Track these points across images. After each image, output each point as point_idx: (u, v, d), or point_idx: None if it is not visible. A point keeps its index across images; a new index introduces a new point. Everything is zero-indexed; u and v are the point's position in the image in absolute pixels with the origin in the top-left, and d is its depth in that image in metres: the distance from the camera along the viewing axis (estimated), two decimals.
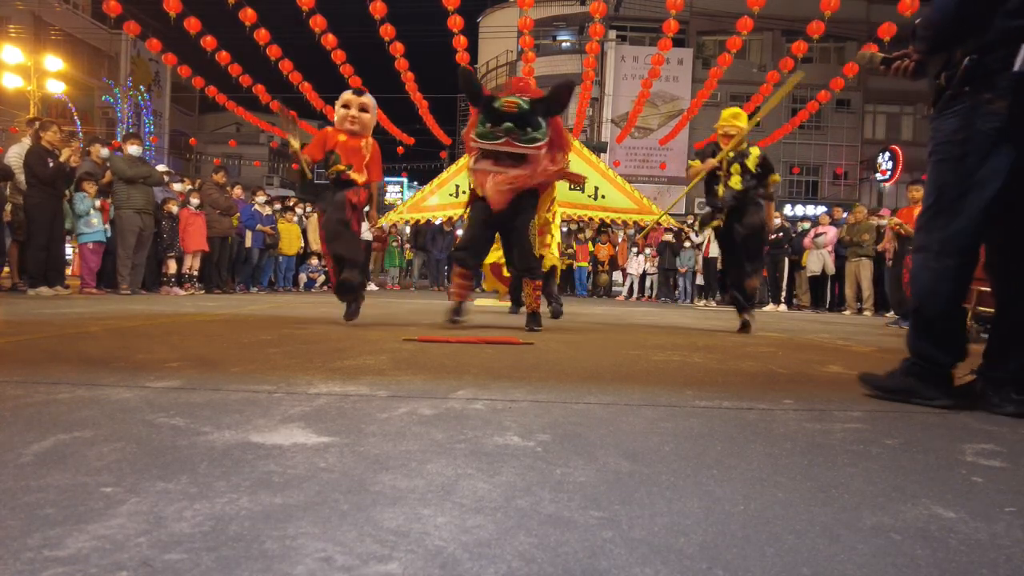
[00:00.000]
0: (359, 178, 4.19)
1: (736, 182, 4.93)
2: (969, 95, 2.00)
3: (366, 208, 4.39)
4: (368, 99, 4.24)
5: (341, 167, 4.12)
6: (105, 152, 8.24)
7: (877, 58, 2.39)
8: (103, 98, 27.03)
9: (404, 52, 12.26)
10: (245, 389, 1.90)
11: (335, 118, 4.26)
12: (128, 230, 7.46)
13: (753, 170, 4.94)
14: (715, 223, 5.06)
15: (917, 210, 7.74)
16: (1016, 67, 1.87)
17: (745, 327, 4.97)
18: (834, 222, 11.37)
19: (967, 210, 2.01)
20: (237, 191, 10.00)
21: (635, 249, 13.86)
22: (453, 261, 4.51)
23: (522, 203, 4.12)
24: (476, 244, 4.33)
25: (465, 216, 4.66)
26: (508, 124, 3.86)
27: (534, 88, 4.23)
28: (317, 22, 10.81)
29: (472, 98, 4.09)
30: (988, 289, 3.84)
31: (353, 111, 4.18)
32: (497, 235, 4.46)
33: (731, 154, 4.94)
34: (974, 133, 1.98)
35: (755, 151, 5.02)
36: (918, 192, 7.75)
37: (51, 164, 6.77)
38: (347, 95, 4.21)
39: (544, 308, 4.87)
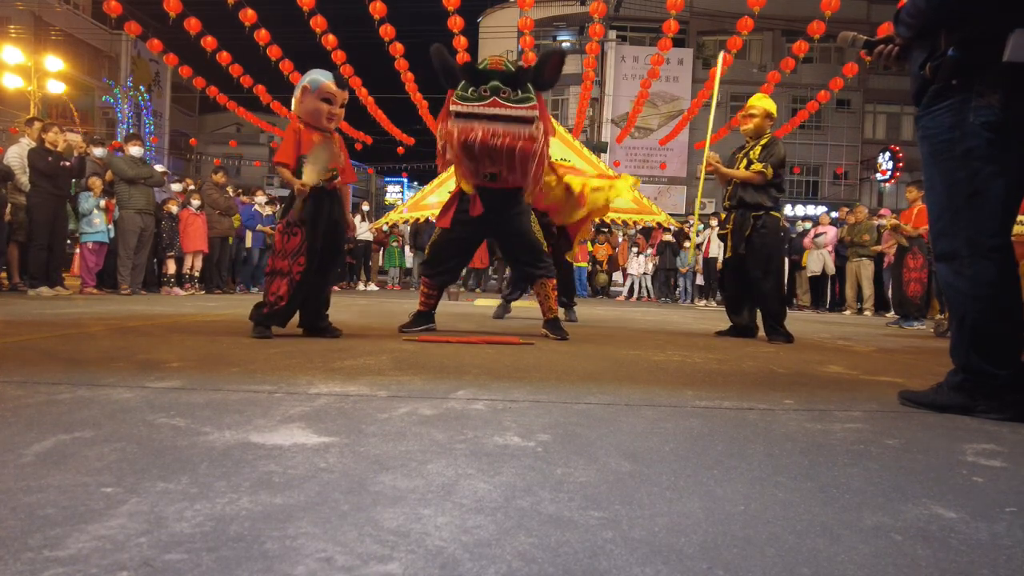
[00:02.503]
0: (338, 184, 3.57)
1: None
2: (958, 89, 1.93)
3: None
4: (347, 95, 3.62)
5: (327, 175, 3.47)
6: (100, 152, 8.24)
7: (860, 40, 2.32)
8: (103, 98, 27.04)
9: (404, 52, 12.26)
10: (245, 389, 1.90)
11: (305, 108, 3.47)
12: (129, 230, 7.47)
13: (755, 160, 4.38)
14: (723, 232, 4.62)
15: (916, 209, 7.75)
16: (1005, 57, 1.81)
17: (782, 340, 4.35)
18: (835, 222, 11.37)
19: (987, 206, 1.91)
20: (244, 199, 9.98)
21: (635, 249, 13.87)
22: (421, 272, 4.09)
23: (510, 202, 3.82)
24: (446, 265, 4.00)
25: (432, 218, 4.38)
26: (495, 82, 3.48)
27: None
28: (317, 22, 10.81)
29: (449, 75, 3.63)
30: None
31: (337, 107, 3.52)
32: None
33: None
34: (969, 128, 1.91)
35: (765, 139, 4.44)
36: (911, 193, 7.73)
37: (50, 160, 6.78)
38: (331, 86, 3.46)
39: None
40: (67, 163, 6.99)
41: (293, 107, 3.55)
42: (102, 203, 7.42)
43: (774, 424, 1.71)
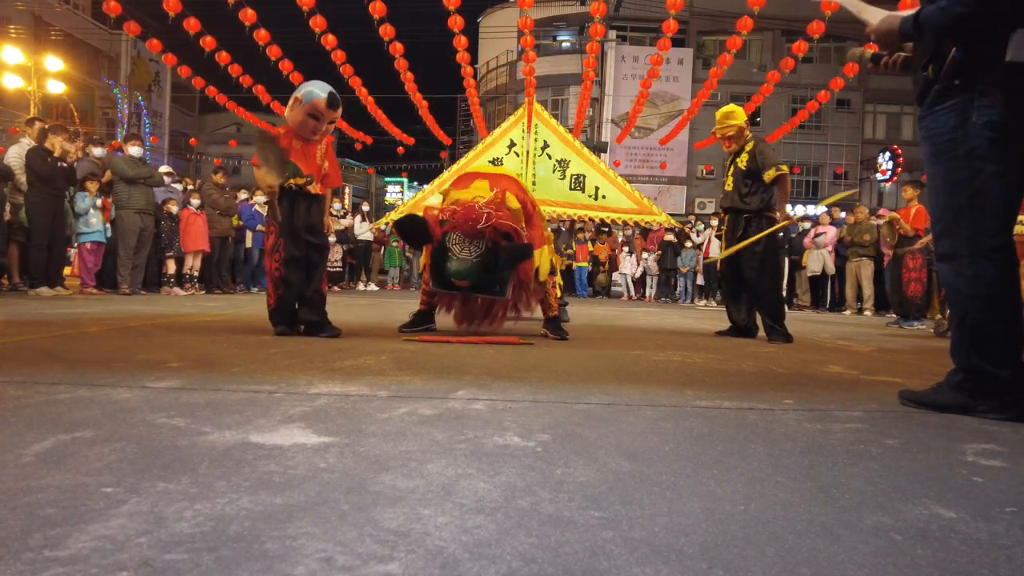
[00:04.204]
0: (317, 190, 3.59)
1: (730, 184, 4.61)
2: (961, 89, 1.92)
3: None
4: (339, 112, 3.59)
5: (301, 180, 3.51)
6: (99, 151, 8.24)
7: (867, 54, 2.36)
8: (103, 98, 27.04)
9: (404, 52, 12.25)
10: (245, 389, 1.90)
11: (292, 117, 3.49)
12: (129, 230, 7.46)
13: (743, 168, 4.49)
14: (717, 234, 4.81)
15: (915, 209, 7.75)
16: (1008, 56, 1.80)
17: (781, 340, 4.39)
18: (835, 222, 11.37)
19: (989, 206, 1.91)
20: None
21: (628, 248, 13.92)
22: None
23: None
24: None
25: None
26: (464, 293, 3.60)
27: (480, 220, 3.50)
28: (317, 22, 10.79)
29: (418, 245, 3.76)
30: None
31: (324, 125, 3.52)
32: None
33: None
34: (972, 128, 1.91)
35: (748, 146, 4.54)
36: (908, 193, 7.73)
37: (49, 161, 6.78)
38: (320, 104, 3.43)
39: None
40: (64, 164, 6.99)
41: (286, 110, 3.56)
42: (98, 202, 7.41)
43: (774, 424, 1.71)
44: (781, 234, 5.33)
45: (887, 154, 23.37)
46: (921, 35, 2.00)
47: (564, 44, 26.64)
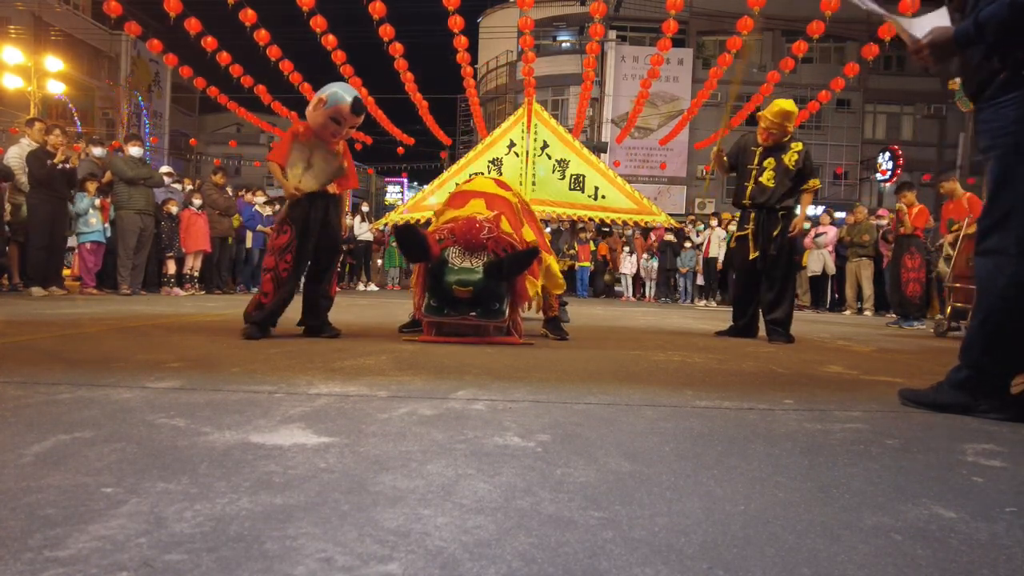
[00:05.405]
0: (334, 189, 3.61)
1: (768, 178, 4.43)
2: None
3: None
4: (362, 118, 3.62)
5: None
6: (99, 151, 8.24)
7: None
8: (103, 98, 27.03)
9: (404, 52, 12.24)
10: (245, 389, 1.90)
11: (314, 118, 3.46)
12: (129, 231, 7.46)
13: (791, 167, 4.40)
14: (742, 232, 4.56)
15: (916, 210, 7.73)
16: None
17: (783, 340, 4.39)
18: (834, 222, 11.38)
19: None
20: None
21: (628, 248, 13.93)
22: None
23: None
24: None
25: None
26: (462, 310, 3.45)
27: (481, 232, 3.50)
28: (317, 22, 10.78)
29: (416, 259, 3.60)
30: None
31: (344, 129, 3.53)
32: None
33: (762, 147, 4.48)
34: None
35: (797, 146, 4.43)
36: (906, 198, 7.73)
37: (49, 164, 6.77)
38: (344, 109, 3.41)
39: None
40: (66, 166, 6.98)
41: (308, 109, 3.54)
42: (97, 202, 7.41)
43: (774, 424, 1.71)
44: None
45: (887, 154, 23.34)
46: (983, 36, 1.92)
47: (564, 44, 26.62)
